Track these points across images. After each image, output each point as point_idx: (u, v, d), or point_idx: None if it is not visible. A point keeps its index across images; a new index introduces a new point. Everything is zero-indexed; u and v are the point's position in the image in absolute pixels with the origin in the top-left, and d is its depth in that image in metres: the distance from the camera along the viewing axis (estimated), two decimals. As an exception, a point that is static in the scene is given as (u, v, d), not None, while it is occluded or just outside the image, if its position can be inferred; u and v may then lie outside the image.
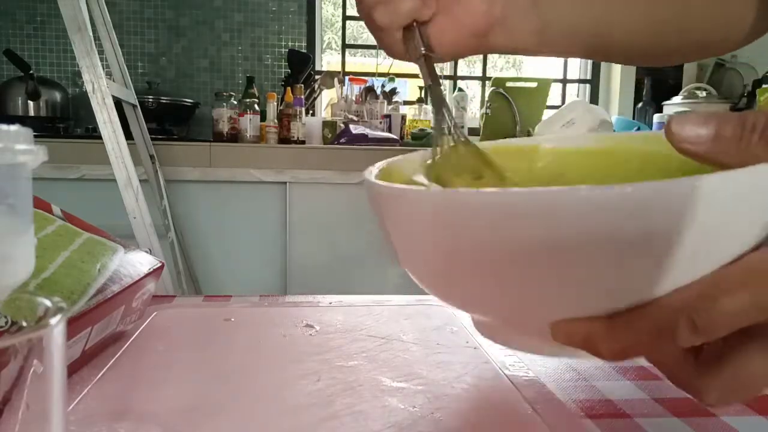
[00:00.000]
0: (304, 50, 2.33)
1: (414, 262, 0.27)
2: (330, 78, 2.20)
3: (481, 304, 0.26)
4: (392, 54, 0.44)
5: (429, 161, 0.36)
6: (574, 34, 0.45)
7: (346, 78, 2.28)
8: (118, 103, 1.56)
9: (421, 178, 0.35)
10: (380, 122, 2.17)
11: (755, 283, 0.20)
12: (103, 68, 1.37)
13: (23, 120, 1.96)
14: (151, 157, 1.75)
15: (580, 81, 2.58)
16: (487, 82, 2.49)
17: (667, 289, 0.21)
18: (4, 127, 0.20)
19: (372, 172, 0.30)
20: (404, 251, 0.26)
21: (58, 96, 2.09)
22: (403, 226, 0.25)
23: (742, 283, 0.20)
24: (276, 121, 1.98)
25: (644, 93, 2.31)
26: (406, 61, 0.44)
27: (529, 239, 0.21)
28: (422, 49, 0.41)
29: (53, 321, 0.15)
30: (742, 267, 0.20)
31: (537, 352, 0.28)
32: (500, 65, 3.04)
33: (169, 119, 2.11)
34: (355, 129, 1.96)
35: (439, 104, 0.39)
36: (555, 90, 2.52)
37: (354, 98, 2.23)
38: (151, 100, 2.01)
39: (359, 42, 2.66)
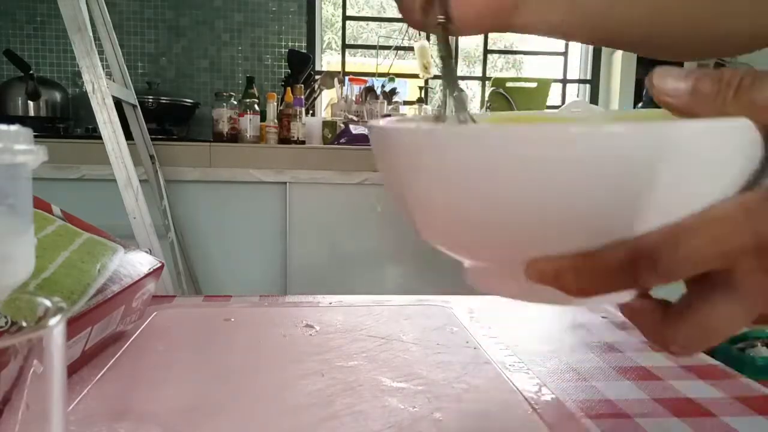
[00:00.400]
0: (304, 50, 2.33)
1: (409, 203, 0.28)
2: (330, 78, 2.20)
3: (461, 241, 0.28)
4: (410, 20, 0.44)
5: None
6: (601, 21, 0.44)
7: (346, 78, 2.28)
8: (118, 104, 1.56)
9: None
10: (380, 122, 2.17)
11: (715, 229, 0.21)
12: (103, 68, 1.37)
13: (23, 120, 1.96)
14: (151, 157, 1.75)
15: (580, 81, 2.58)
16: (487, 82, 2.49)
17: (637, 232, 0.22)
18: (4, 127, 0.20)
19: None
20: (397, 187, 0.28)
21: (58, 96, 2.09)
22: (394, 160, 0.27)
23: (703, 229, 0.21)
24: (276, 121, 1.98)
25: (644, 93, 2.31)
26: (421, 30, 0.44)
27: (507, 174, 0.22)
28: (441, 17, 0.41)
29: (53, 321, 0.15)
30: (704, 215, 0.21)
31: (519, 298, 0.29)
32: (500, 65, 3.04)
33: (169, 119, 2.11)
34: (355, 129, 1.96)
35: (451, 79, 0.39)
36: (555, 90, 2.52)
37: (354, 98, 2.23)
38: (151, 100, 2.01)
39: (359, 42, 2.66)
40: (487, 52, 2.57)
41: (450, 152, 0.23)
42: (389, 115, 2.21)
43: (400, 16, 0.44)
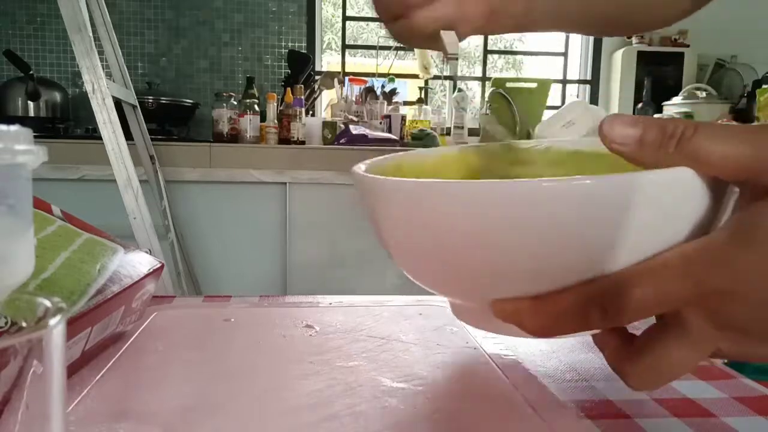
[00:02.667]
0: (304, 51, 2.33)
1: (390, 246, 0.31)
2: (330, 78, 2.20)
3: (434, 282, 0.30)
4: (413, 46, 0.49)
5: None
6: (559, 15, 0.50)
7: (346, 78, 2.28)
8: (118, 104, 1.56)
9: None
10: (380, 123, 2.17)
11: (657, 279, 0.22)
12: (103, 69, 1.37)
13: (23, 120, 1.96)
14: (151, 157, 1.75)
15: (580, 81, 2.58)
16: (487, 82, 2.49)
17: (588, 277, 0.23)
18: (4, 127, 0.20)
19: (361, 168, 0.34)
20: (381, 233, 0.31)
21: (58, 96, 2.09)
22: (377, 210, 0.29)
23: (649, 276, 0.22)
24: (276, 121, 1.98)
25: (644, 93, 2.31)
26: (425, 48, 0.48)
27: (468, 226, 0.24)
28: (458, 47, 0.44)
29: (53, 321, 0.15)
30: (648, 264, 0.22)
31: (496, 332, 0.31)
32: (500, 66, 3.04)
33: (169, 120, 2.11)
34: (355, 129, 1.96)
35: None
36: (555, 90, 2.52)
37: (354, 99, 2.23)
38: (151, 100, 2.01)
39: (359, 42, 2.66)
40: (487, 52, 2.57)
41: (415, 205, 0.25)
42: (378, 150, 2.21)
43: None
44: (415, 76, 2.40)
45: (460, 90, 2.34)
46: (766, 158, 0.21)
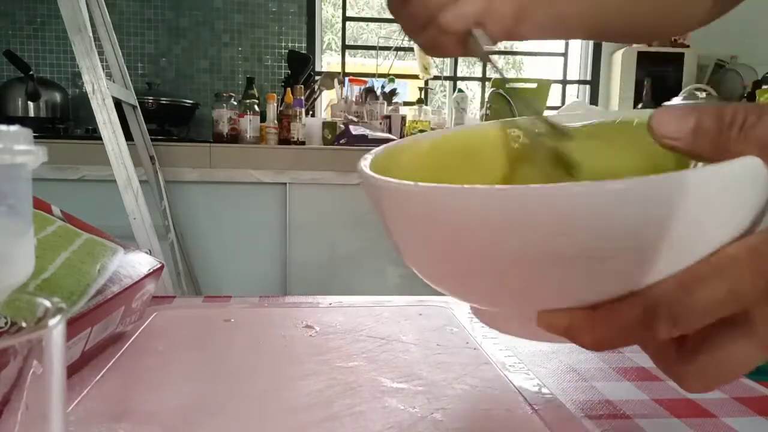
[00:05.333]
0: (304, 51, 2.33)
1: (412, 255, 0.28)
2: (330, 79, 2.20)
3: (469, 293, 0.27)
4: (444, 53, 0.47)
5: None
6: (594, 19, 0.49)
7: (346, 79, 2.28)
8: (118, 104, 1.56)
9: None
10: (380, 123, 2.17)
11: (730, 274, 0.20)
12: (103, 69, 1.37)
13: (23, 121, 1.96)
14: (151, 158, 1.75)
15: (580, 82, 2.58)
16: (487, 83, 2.49)
17: (648, 282, 0.21)
18: (4, 127, 0.20)
19: (367, 161, 0.30)
20: (400, 241, 0.27)
21: (58, 97, 2.09)
22: (395, 217, 0.26)
23: (718, 274, 0.20)
24: (276, 121, 1.98)
25: (644, 94, 2.31)
26: (457, 56, 0.48)
27: (515, 237, 0.21)
28: (485, 46, 0.43)
29: (53, 322, 0.15)
30: (718, 258, 0.21)
31: (528, 338, 0.29)
32: (500, 66, 3.04)
33: (169, 120, 2.11)
34: (355, 130, 1.96)
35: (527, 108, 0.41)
36: (555, 91, 2.52)
37: (354, 99, 2.23)
38: (151, 101, 2.01)
39: (359, 43, 2.66)
40: (487, 52, 2.57)
41: (446, 227, 0.22)
42: (391, 138, 2.21)
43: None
44: (415, 77, 2.39)
45: (460, 90, 2.34)
46: None
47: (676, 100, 2.21)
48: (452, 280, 0.27)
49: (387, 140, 1.99)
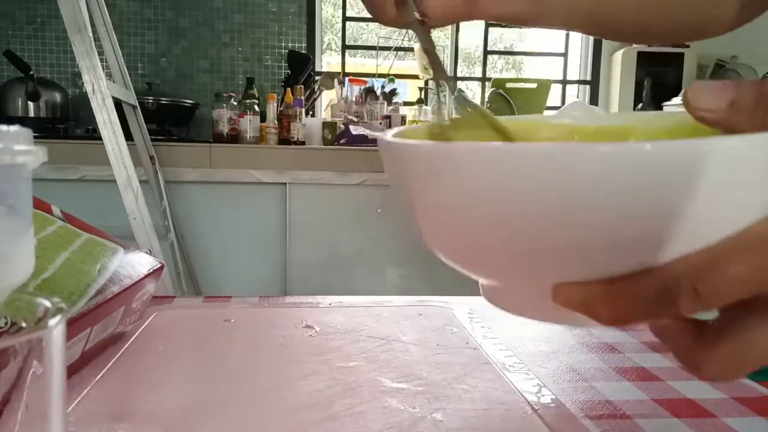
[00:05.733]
0: (304, 51, 2.33)
1: (426, 220, 0.26)
2: (330, 79, 2.20)
3: (478, 263, 0.26)
4: (382, 18, 0.43)
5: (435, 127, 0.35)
6: (574, 4, 0.45)
7: (346, 79, 2.28)
8: (118, 104, 1.56)
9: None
10: (380, 123, 2.17)
11: (760, 250, 0.19)
12: (103, 69, 1.37)
13: (23, 121, 1.96)
14: (151, 158, 1.75)
15: (580, 82, 2.58)
16: (487, 83, 2.49)
17: (672, 256, 0.20)
18: (4, 127, 0.20)
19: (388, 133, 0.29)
20: (416, 206, 0.26)
21: (58, 97, 2.09)
22: (410, 179, 0.25)
23: (747, 250, 0.19)
24: (276, 122, 1.98)
25: (644, 94, 2.31)
26: (395, 26, 0.43)
27: (534, 194, 0.20)
28: (416, 13, 0.40)
29: (53, 322, 0.15)
30: (747, 234, 0.20)
31: (543, 319, 0.27)
32: (500, 66, 3.04)
33: (169, 120, 2.11)
34: (355, 130, 1.96)
35: (440, 70, 0.39)
36: (555, 91, 2.52)
37: (354, 99, 2.23)
38: (151, 101, 2.01)
39: (359, 43, 2.66)
40: (487, 52, 2.57)
41: (469, 171, 0.21)
42: (394, 123, 2.21)
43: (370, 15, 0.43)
44: (415, 77, 2.40)
45: (460, 90, 2.34)
46: None
47: (677, 101, 2.21)
48: (472, 251, 0.25)
49: (387, 140, 1.99)
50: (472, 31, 2.63)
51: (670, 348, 0.24)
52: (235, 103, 2.01)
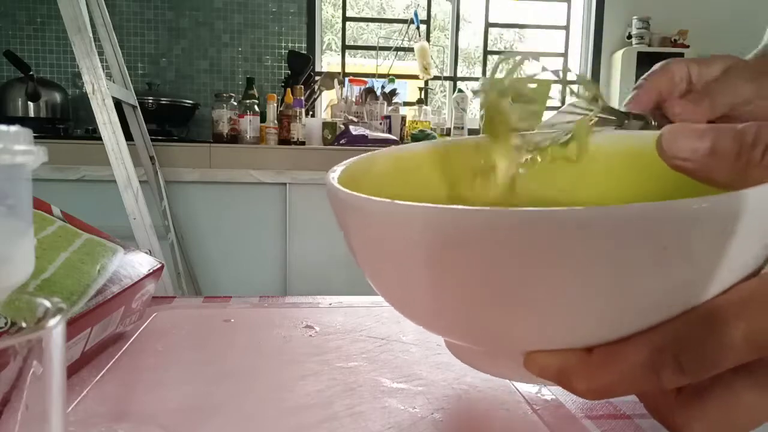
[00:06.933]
0: (303, 51, 2.33)
1: (379, 278, 0.24)
2: (330, 79, 2.20)
3: (448, 326, 0.23)
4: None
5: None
6: None
7: (346, 79, 2.28)
8: (118, 104, 1.57)
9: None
10: (380, 123, 2.17)
11: (748, 315, 0.17)
12: (103, 69, 1.37)
13: (23, 121, 1.96)
14: (151, 158, 1.75)
15: (580, 82, 2.58)
16: (486, 83, 2.49)
17: (653, 322, 0.18)
18: (4, 128, 0.20)
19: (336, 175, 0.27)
20: (370, 264, 0.24)
21: (58, 97, 2.09)
22: (366, 237, 0.23)
23: (734, 315, 0.17)
24: (276, 122, 1.98)
25: (644, 94, 2.31)
26: None
27: (507, 258, 0.18)
28: None
29: (53, 322, 0.15)
30: (734, 297, 0.18)
31: (510, 378, 0.26)
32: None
33: (168, 120, 2.11)
34: (355, 130, 1.96)
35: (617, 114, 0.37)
36: (554, 91, 2.52)
37: (354, 99, 2.23)
38: (151, 101, 2.01)
39: (359, 43, 2.66)
40: (486, 53, 2.57)
41: (422, 245, 0.19)
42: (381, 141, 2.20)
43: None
44: (415, 77, 2.40)
45: (460, 91, 2.34)
46: None
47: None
48: (436, 318, 0.23)
49: (387, 140, 1.99)
50: (472, 31, 2.63)
51: (645, 405, 0.22)
52: (235, 104, 2.01)
